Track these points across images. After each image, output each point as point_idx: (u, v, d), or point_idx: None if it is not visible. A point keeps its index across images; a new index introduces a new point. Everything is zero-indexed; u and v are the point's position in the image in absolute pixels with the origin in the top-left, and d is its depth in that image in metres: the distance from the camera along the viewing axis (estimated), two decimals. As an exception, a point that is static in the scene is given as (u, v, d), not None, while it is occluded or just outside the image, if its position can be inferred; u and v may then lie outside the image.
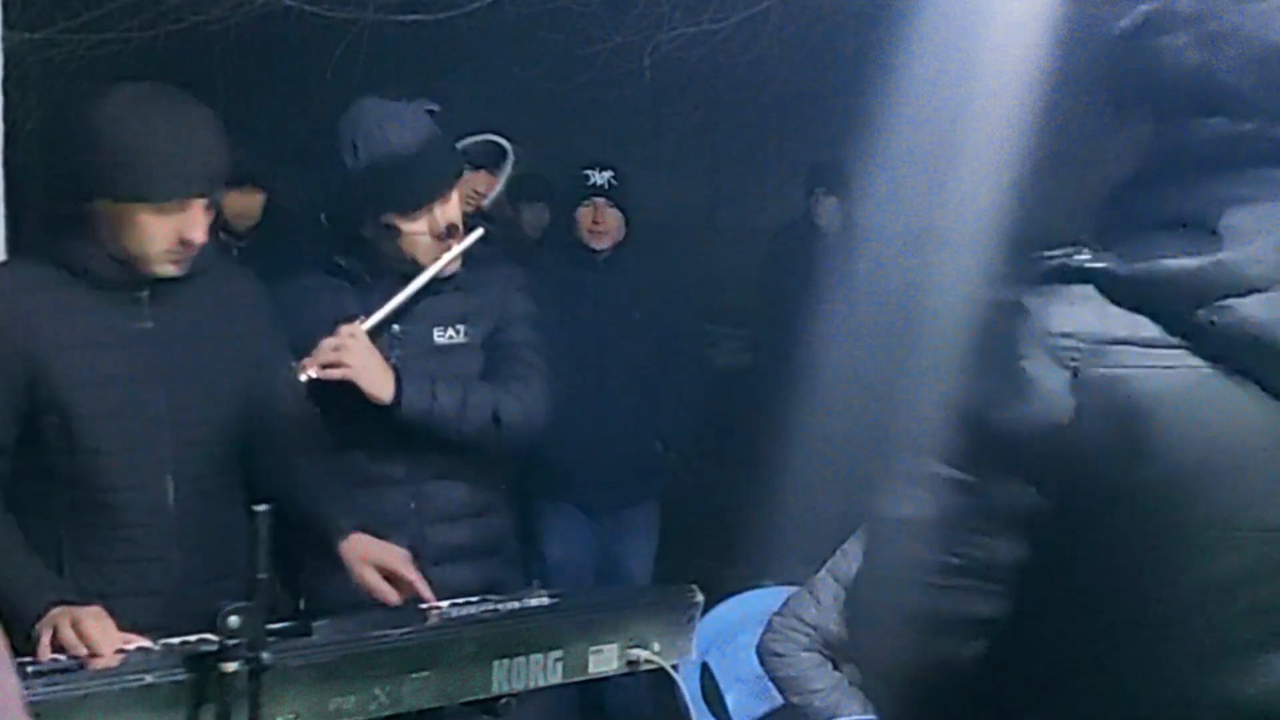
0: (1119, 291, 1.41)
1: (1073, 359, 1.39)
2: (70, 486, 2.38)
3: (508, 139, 4.28)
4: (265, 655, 2.01)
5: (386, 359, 2.79)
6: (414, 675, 2.21)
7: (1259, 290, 1.39)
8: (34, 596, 2.26)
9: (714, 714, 3.40)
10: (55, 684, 2.00)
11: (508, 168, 4.20)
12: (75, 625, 2.20)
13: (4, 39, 3.15)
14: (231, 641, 1.99)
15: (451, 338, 2.88)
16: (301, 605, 2.76)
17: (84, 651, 2.17)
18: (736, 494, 4.83)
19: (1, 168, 3.20)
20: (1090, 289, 1.42)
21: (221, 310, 2.52)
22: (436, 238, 2.80)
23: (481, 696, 2.30)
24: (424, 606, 2.44)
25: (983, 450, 1.42)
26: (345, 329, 2.75)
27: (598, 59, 4.95)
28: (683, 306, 4.46)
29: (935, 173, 4.26)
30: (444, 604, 2.45)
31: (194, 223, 2.35)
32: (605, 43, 4.87)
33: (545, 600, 2.50)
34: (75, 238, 2.39)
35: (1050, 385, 1.39)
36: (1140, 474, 1.38)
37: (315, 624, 2.26)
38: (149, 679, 2.03)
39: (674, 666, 2.48)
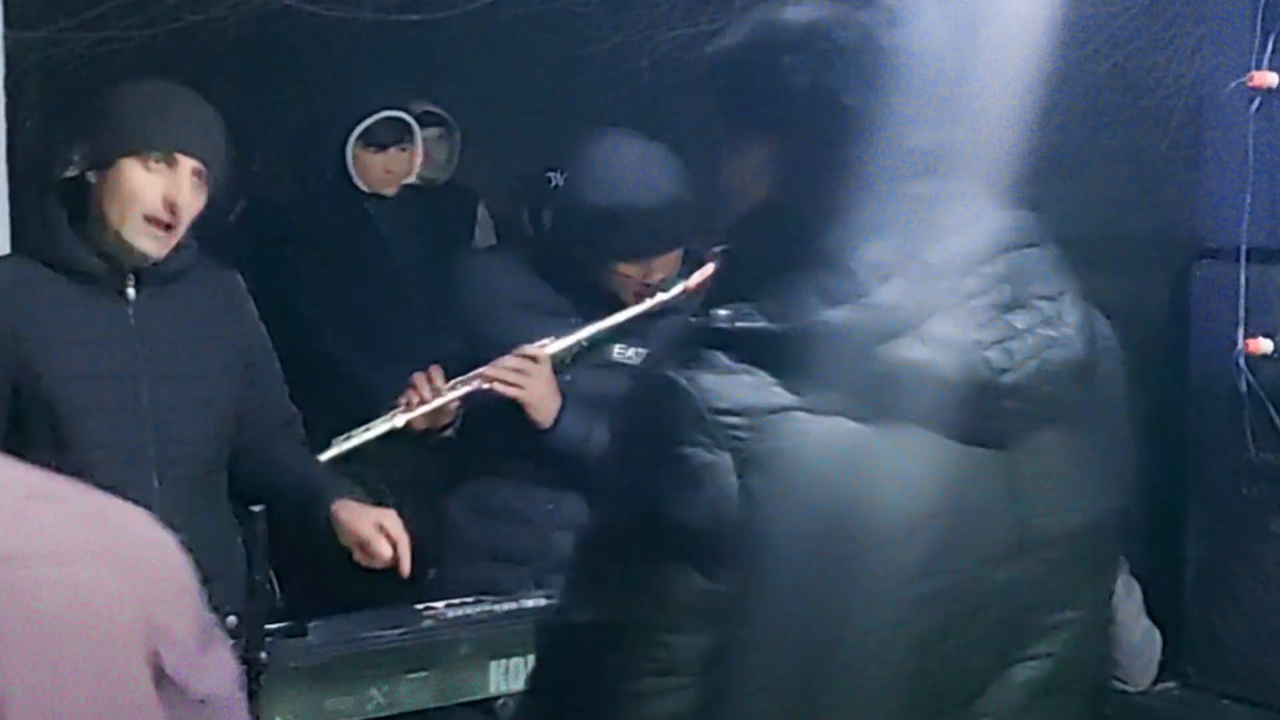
0: (763, 353, 1.30)
1: (734, 438, 1.29)
2: None
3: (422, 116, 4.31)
4: (262, 656, 2.01)
5: (560, 372, 2.81)
6: (411, 676, 2.22)
7: (910, 329, 1.31)
8: None
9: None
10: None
11: (418, 143, 4.21)
12: None
13: (3, 38, 3.15)
14: (228, 642, 1.99)
15: (630, 358, 2.87)
16: None
17: None
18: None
19: (5, 165, 3.20)
20: (735, 357, 1.31)
21: (206, 309, 2.52)
22: (645, 285, 2.81)
23: (479, 697, 2.30)
24: (420, 607, 2.44)
25: (651, 543, 1.32)
26: (530, 350, 2.76)
27: (596, 59, 4.94)
28: None
29: (935, 172, 4.26)
30: (440, 604, 2.46)
31: (181, 186, 2.36)
32: (604, 43, 4.86)
33: (542, 600, 2.50)
34: (61, 234, 2.40)
35: (715, 470, 1.29)
36: (822, 548, 1.30)
37: (312, 624, 2.26)
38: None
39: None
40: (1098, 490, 1.46)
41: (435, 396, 2.75)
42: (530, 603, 2.48)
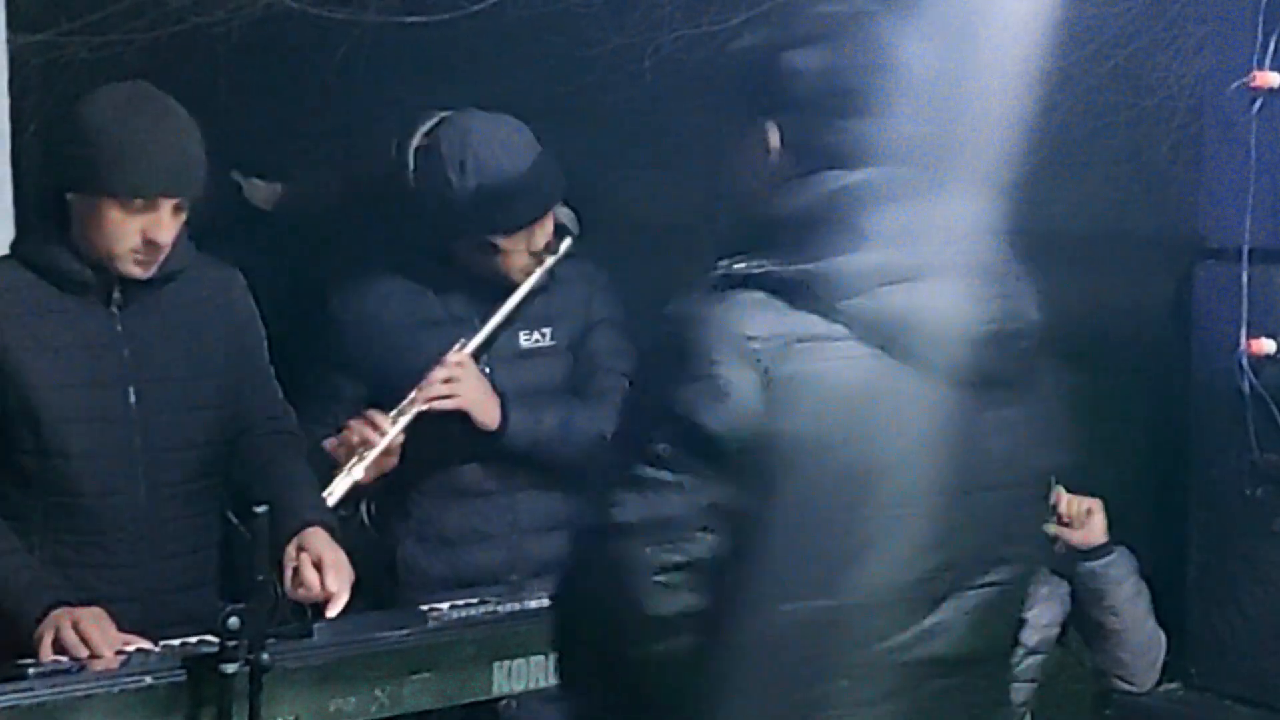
0: (786, 292, 1.52)
1: (759, 360, 1.49)
2: (43, 491, 2.37)
3: None
4: (265, 657, 2.01)
5: (479, 368, 2.77)
6: (414, 677, 2.22)
7: (913, 278, 1.52)
8: (33, 597, 2.26)
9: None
10: (56, 685, 2.01)
11: None
12: (76, 626, 2.20)
13: (6, 41, 3.15)
14: (231, 643, 1.99)
15: (537, 341, 2.85)
16: None
17: (84, 652, 2.17)
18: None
19: (10, 169, 3.21)
20: (762, 294, 1.52)
21: (200, 310, 2.49)
22: (533, 255, 2.78)
23: (481, 698, 2.31)
24: (424, 608, 2.44)
25: (686, 450, 1.51)
26: (453, 358, 2.73)
27: (599, 61, 4.94)
28: (653, 306, 4.42)
29: (934, 173, 4.25)
30: (444, 605, 2.45)
31: (161, 224, 2.33)
32: (606, 44, 4.87)
33: (545, 601, 2.50)
34: (46, 239, 2.38)
35: (744, 386, 1.49)
36: (827, 463, 1.49)
37: (315, 625, 2.26)
38: (149, 680, 2.04)
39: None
40: (1046, 444, 1.66)
41: (383, 437, 2.67)
42: (534, 604, 2.48)
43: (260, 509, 2.05)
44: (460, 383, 2.71)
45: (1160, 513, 3.36)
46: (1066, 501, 2.91)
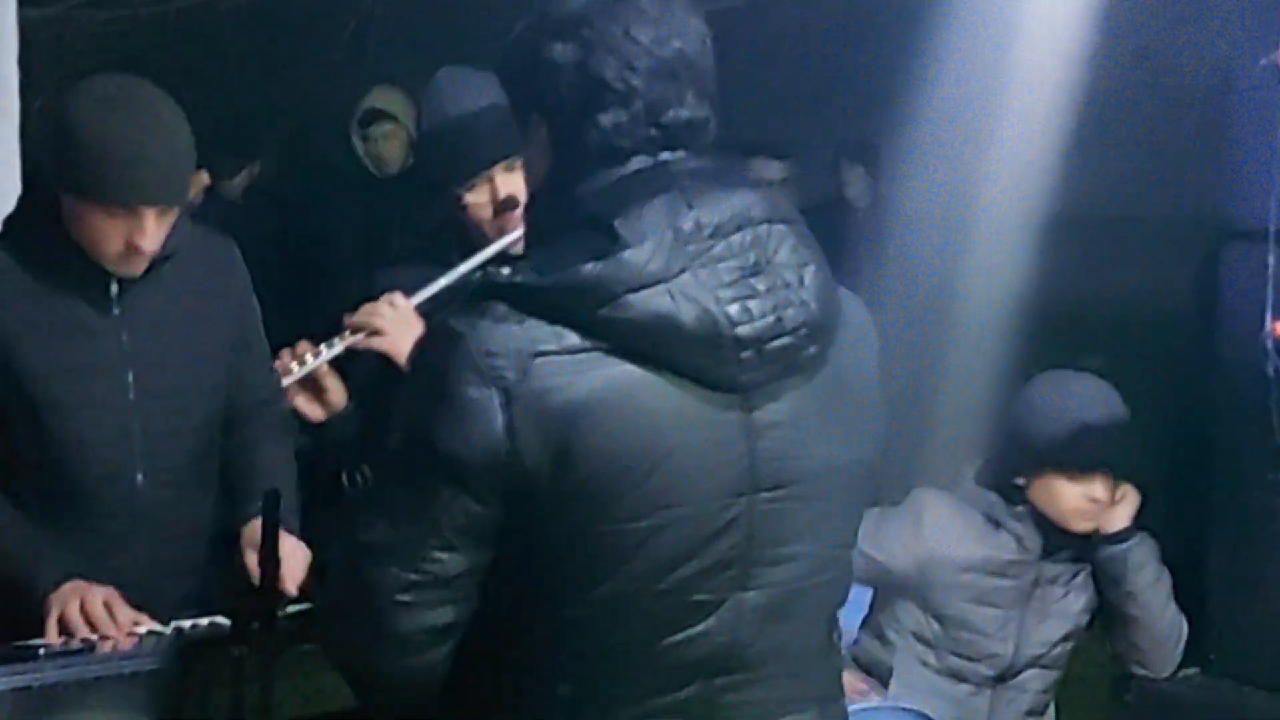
0: (533, 303, 1.50)
1: (501, 377, 1.48)
2: (39, 478, 2.34)
3: None
4: (277, 638, 1.99)
5: None
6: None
7: (660, 282, 1.49)
8: (45, 570, 2.23)
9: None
10: (66, 667, 2.00)
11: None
12: (84, 607, 2.17)
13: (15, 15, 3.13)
14: (242, 624, 1.97)
15: None
16: None
17: (85, 632, 2.14)
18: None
19: (19, 144, 3.18)
20: (507, 307, 1.51)
21: (198, 288, 2.43)
22: (496, 211, 2.68)
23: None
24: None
25: (428, 471, 1.51)
26: (387, 297, 2.63)
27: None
28: None
29: (962, 152, 4.22)
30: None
31: (145, 231, 2.24)
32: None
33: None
34: (38, 226, 2.33)
35: (484, 406, 1.48)
36: (573, 475, 1.49)
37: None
38: (159, 662, 2.02)
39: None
40: (832, 439, 1.61)
41: (302, 366, 2.54)
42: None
43: (271, 491, 2.01)
44: (384, 319, 2.52)
45: (1183, 496, 3.33)
46: (1105, 486, 2.86)
